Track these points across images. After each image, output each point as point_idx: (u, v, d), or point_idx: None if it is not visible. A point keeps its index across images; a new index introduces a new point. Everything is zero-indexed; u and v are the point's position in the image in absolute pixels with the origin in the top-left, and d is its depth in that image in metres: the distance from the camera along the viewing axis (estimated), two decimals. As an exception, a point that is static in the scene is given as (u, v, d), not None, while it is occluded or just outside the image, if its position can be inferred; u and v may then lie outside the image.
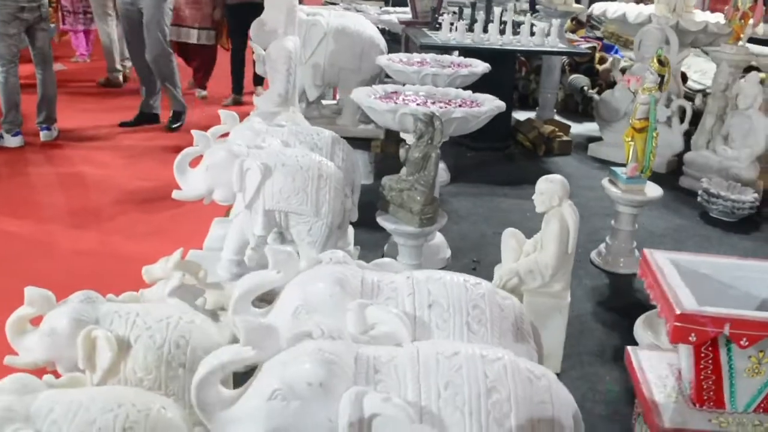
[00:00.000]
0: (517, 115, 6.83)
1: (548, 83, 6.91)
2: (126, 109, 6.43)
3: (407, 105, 3.68)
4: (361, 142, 5.19)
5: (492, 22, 5.77)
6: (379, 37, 5.72)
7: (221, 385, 1.71)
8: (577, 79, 7.53)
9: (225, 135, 3.43)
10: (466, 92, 4.00)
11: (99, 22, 7.59)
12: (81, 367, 2.02)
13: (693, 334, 1.65)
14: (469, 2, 6.32)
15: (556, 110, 7.21)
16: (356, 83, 5.58)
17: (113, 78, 7.67)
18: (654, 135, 3.73)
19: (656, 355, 2.13)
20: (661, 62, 4.17)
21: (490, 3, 6.13)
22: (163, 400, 1.81)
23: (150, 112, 6.28)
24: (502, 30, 5.76)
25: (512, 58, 6.16)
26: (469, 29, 5.77)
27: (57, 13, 8.16)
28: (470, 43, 5.61)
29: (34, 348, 2.07)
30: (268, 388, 1.63)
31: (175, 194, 3.15)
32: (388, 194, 3.30)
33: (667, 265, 1.86)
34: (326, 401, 1.61)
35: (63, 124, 5.82)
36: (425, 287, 2.07)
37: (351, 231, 3.66)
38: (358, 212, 3.34)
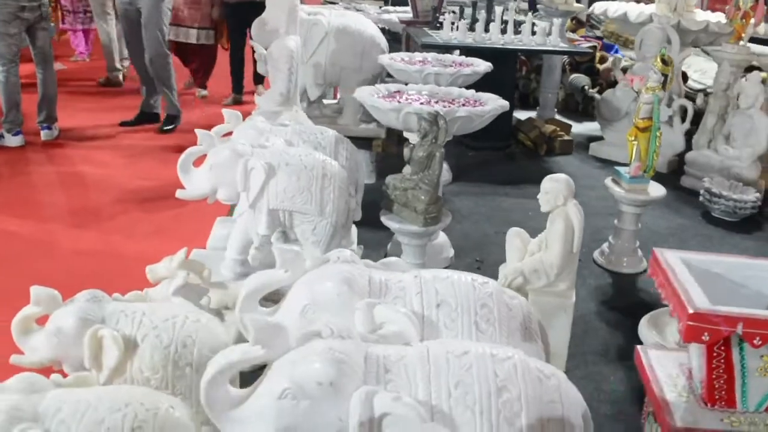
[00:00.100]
0: (518, 114, 6.82)
1: (549, 83, 6.91)
2: (126, 109, 6.43)
3: (411, 104, 3.68)
4: (363, 142, 5.18)
5: (493, 21, 5.76)
6: (381, 37, 5.71)
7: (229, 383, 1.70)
8: (578, 78, 7.53)
9: (228, 134, 3.44)
10: (469, 91, 3.99)
11: (98, 21, 7.59)
12: (87, 367, 2.01)
13: (706, 334, 1.64)
14: (470, 1, 6.31)
15: (556, 110, 7.21)
16: (357, 82, 5.58)
17: (113, 77, 7.66)
18: (657, 134, 3.73)
19: (666, 354, 2.12)
20: (665, 61, 4.17)
21: (491, 2, 6.13)
22: (171, 399, 1.80)
23: (151, 112, 6.27)
24: (504, 29, 5.75)
25: (513, 57, 6.15)
26: (470, 28, 5.77)
27: (56, 13, 8.14)
28: (472, 42, 5.61)
29: (40, 347, 2.06)
30: (278, 388, 1.62)
31: (179, 193, 3.13)
32: (392, 193, 3.29)
33: (678, 264, 1.85)
34: (336, 400, 1.60)
35: (63, 124, 5.82)
36: (433, 286, 2.06)
37: (354, 230, 3.65)
38: (361, 211, 3.34)
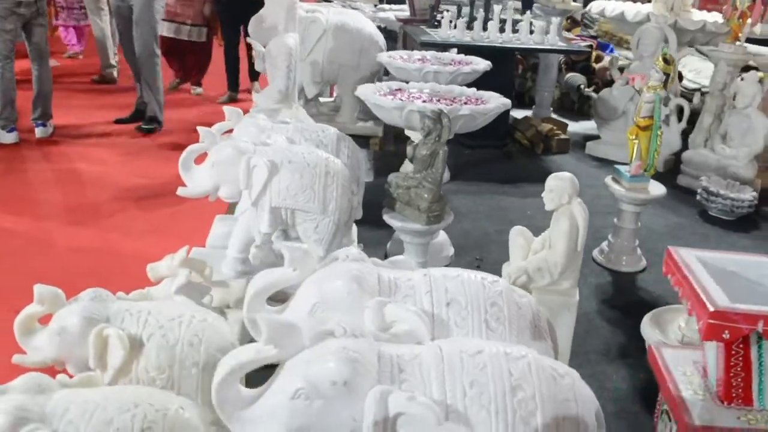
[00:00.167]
0: (514, 113, 6.82)
1: (545, 81, 6.91)
2: (121, 106, 6.37)
3: (413, 102, 3.66)
4: (360, 140, 5.16)
5: (491, 20, 5.76)
6: (378, 34, 5.69)
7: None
8: (574, 77, 7.54)
9: (229, 131, 3.41)
10: (470, 90, 3.98)
11: (92, 17, 7.52)
12: (92, 367, 1.98)
13: (726, 332, 1.64)
14: (468, 0, 6.30)
15: (552, 108, 7.21)
16: (355, 80, 5.56)
17: (107, 74, 7.60)
18: (659, 133, 3.73)
19: (680, 352, 2.12)
20: (667, 60, 4.18)
21: (489, 1, 6.13)
22: (181, 399, 1.78)
23: (146, 110, 6.21)
24: (502, 28, 5.75)
25: (511, 56, 6.16)
26: (468, 27, 5.76)
27: (50, 8, 8.06)
28: (470, 40, 5.60)
29: (43, 347, 2.03)
30: (291, 387, 1.60)
31: (180, 191, 3.09)
32: (394, 192, 3.28)
33: (695, 262, 1.85)
34: (350, 400, 1.58)
35: (57, 121, 5.76)
36: (443, 285, 2.05)
37: (354, 229, 3.63)
38: (361, 210, 3.32)
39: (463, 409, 1.61)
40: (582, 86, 7.48)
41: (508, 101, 3.78)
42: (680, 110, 5.66)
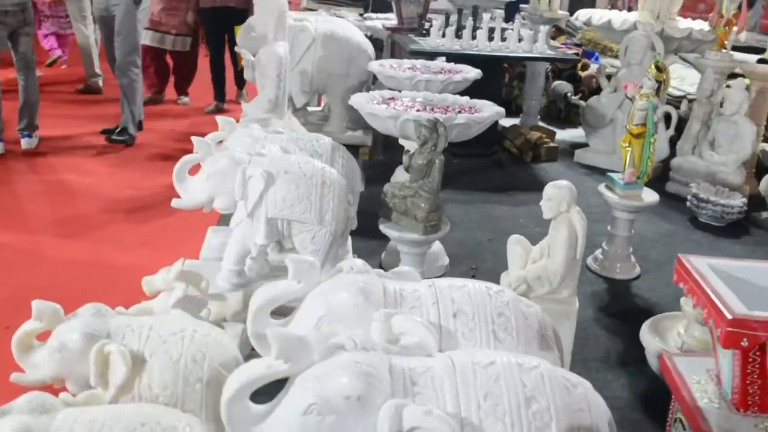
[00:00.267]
0: (502, 121, 6.82)
1: (533, 90, 6.93)
2: (107, 117, 6.29)
3: (407, 111, 3.65)
4: (349, 149, 5.13)
5: (480, 28, 5.78)
6: (367, 43, 5.70)
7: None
8: (561, 85, 7.58)
9: (220, 142, 3.38)
10: (463, 98, 3.99)
11: (77, 25, 7.44)
12: (93, 384, 1.94)
13: (745, 339, 1.64)
14: (456, 9, 6.32)
15: (539, 117, 7.24)
16: (344, 89, 5.56)
17: (92, 83, 7.51)
18: (652, 141, 3.76)
19: (692, 359, 2.12)
20: (659, 68, 4.20)
21: (477, 9, 6.15)
22: (188, 417, 1.74)
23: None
24: (490, 36, 5.77)
25: (500, 64, 6.17)
26: (457, 35, 5.77)
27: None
28: (459, 49, 5.61)
29: (42, 364, 1.98)
30: (303, 403, 1.57)
31: (175, 203, 3.06)
32: (390, 201, 3.26)
33: (708, 270, 1.85)
34: (364, 415, 1.56)
35: (43, 132, 5.67)
36: (449, 295, 2.03)
37: (348, 239, 3.61)
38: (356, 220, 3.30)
39: (477, 421, 1.60)
40: (569, 94, 7.52)
41: (502, 110, 3.79)
42: (668, 117, 5.70)
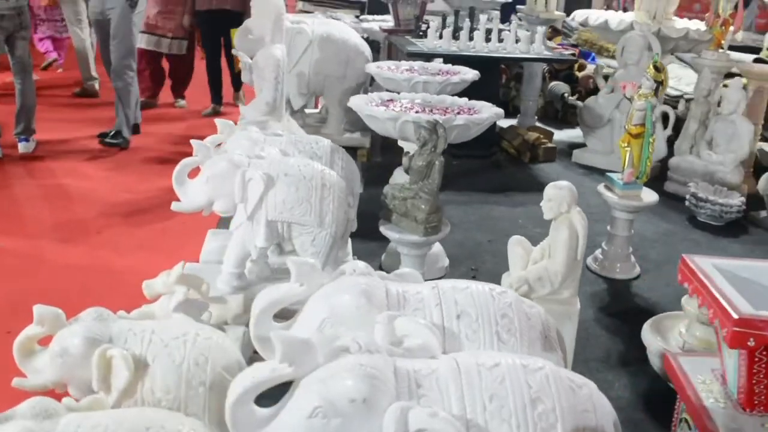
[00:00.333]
0: (499, 122, 6.83)
1: (530, 90, 6.93)
2: (104, 120, 6.27)
3: (406, 113, 3.65)
4: (347, 151, 5.13)
5: (477, 29, 5.78)
6: (364, 45, 5.69)
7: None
8: (558, 86, 7.59)
9: (219, 145, 3.37)
10: (461, 100, 3.98)
11: (73, 28, 7.43)
12: (95, 389, 1.93)
13: (752, 339, 1.64)
14: (453, 10, 6.32)
15: (536, 117, 7.24)
16: (341, 91, 5.55)
17: (89, 87, 7.49)
18: (651, 141, 3.76)
19: (696, 359, 2.12)
20: (657, 68, 4.21)
21: (473, 11, 6.15)
22: (191, 421, 1.73)
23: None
24: (488, 38, 5.77)
25: (497, 65, 6.17)
26: (454, 37, 5.77)
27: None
28: (457, 50, 5.61)
29: (44, 369, 1.97)
30: (308, 406, 1.56)
31: (175, 206, 3.05)
32: (390, 203, 3.26)
33: (713, 270, 1.85)
34: (369, 418, 1.55)
35: (40, 136, 5.64)
36: (452, 297, 2.03)
37: (348, 241, 3.60)
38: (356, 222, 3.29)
39: (483, 423, 1.59)
40: (566, 95, 7.53)
41: (501, 111, 3.79)
42: (665, 117, 5.71)
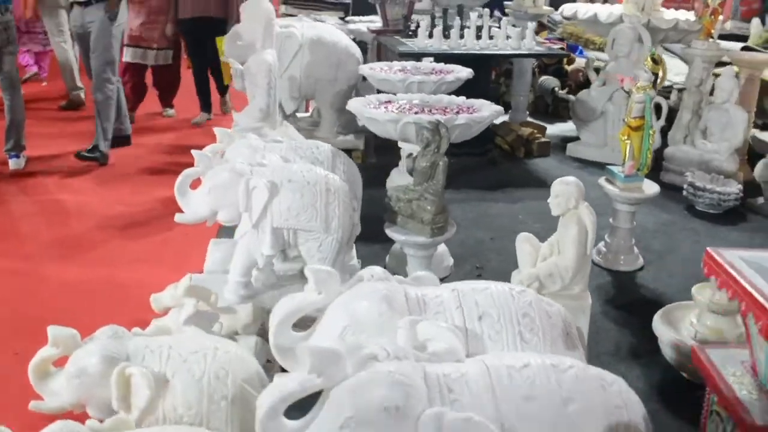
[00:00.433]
0: (492, 119, 6.83)
1: (520, 86, 6.93)
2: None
3: (407, 114, 3.63)
4: (341, 154, 5.13)
5: (468, 27, 5.77)
6: (354, 47, 5.68)
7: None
8: (548, 80, 7.60)
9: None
10: (459, 98, 3.97)
11: (55, 39, 7.32)
12: (115, 408, 1.90)
13: (788, 330, 1.64)
14: (441, 9, 6.31)
15: (528, 112, 7.24)
16: (333, 94, 5.54)
17: (75, 97, 7.40)
18: (651, 133, 3.77)
19: (725, 351, 2.12)
20: (655, 60, 4.22)
21: (462, 9, 6.14)
22: (219, 437, 1.70)
23: (120, 135, 6.06)
24: (478, 35, 5.76)
25: (488, 62, 6.16)
26: (445, 35, 5.76)
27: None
28: (448, 49, 5.59)
29: (61, 391, 1.94)
30: (340, 417, 1.54)
31: (178, 218, 3.02)
32: (395, 205, 3.24)
33: (740, 263, 1.85)
34: (402, 425, 1.54)
35: (30, 151, 5.55)
36: (472, 298, 2.02)
37: (353, 246, 3.58)
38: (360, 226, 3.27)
39: (517, 425, 1.58)
40: (556, 89, 7.54)
41: (500, 108, 3.78)
42: (658, 108, 5.71)
